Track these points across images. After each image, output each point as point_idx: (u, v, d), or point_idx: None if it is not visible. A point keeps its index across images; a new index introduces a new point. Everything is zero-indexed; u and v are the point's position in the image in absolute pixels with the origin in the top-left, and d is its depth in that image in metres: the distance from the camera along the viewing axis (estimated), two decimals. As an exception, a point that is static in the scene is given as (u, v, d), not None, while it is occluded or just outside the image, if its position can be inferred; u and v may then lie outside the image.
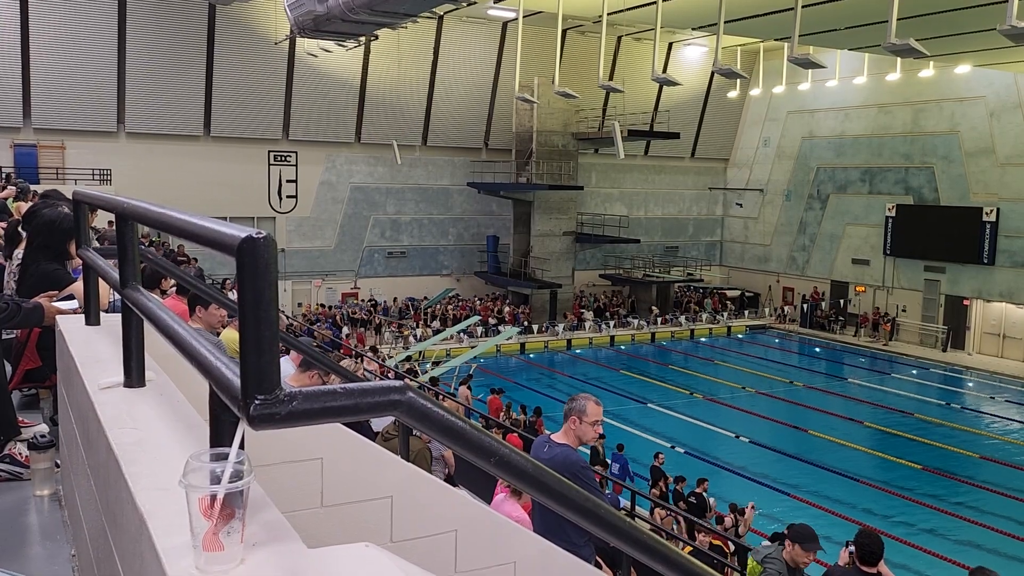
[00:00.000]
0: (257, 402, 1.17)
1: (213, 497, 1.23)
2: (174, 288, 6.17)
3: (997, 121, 32.73)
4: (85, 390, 2.27)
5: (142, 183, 28.28)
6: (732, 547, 13.18)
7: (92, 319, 3.02)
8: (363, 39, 29.78)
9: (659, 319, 37.56)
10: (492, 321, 34.64)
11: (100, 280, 2.84)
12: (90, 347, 2.74)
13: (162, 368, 2.48)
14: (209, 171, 31.97)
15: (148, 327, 1.96)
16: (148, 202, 1.89)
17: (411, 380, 19.87)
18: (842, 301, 38.11)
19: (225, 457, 1.26)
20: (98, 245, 5.24)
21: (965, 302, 34.00)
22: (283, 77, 32.84)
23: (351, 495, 3.03)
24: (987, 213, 32.70)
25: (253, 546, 1.31)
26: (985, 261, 32.89)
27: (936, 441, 22.79)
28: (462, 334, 31.57)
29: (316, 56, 32.12)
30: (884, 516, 17.22)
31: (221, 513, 1.23)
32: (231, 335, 6.13)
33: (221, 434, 1.38)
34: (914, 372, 32.07)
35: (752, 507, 14.41)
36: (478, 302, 36.91)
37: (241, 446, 1.30)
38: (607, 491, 12.64)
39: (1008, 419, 25.92)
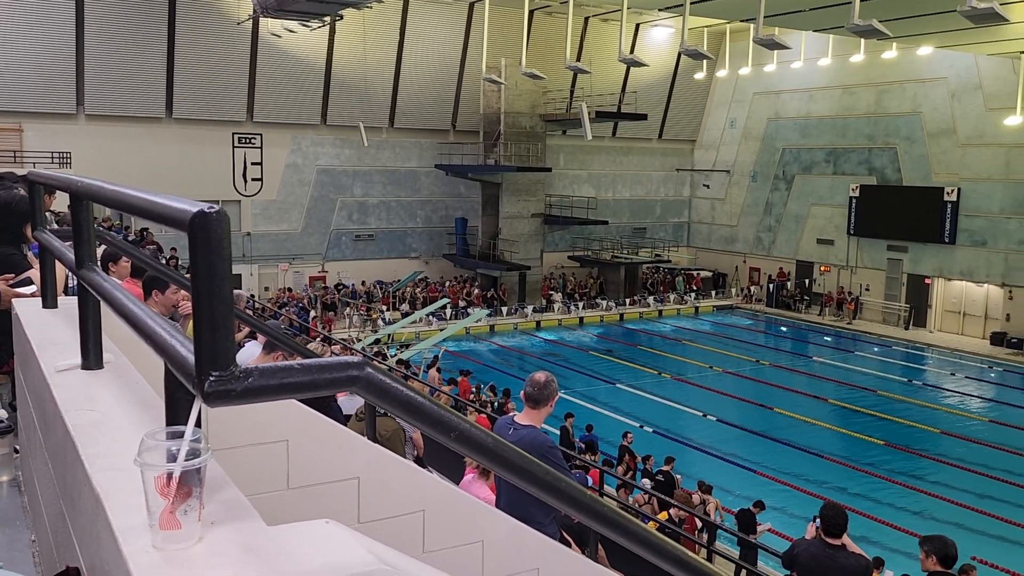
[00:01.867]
0: (212, 379, 1.16)
1: (169, 475, 1.22)
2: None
3: (958, 102, 33.20)
4: (42, 373, 2.23)
5: (103, 166, 27.75)
6: (700, 524, 13.39)
7: (49, 302, 2.97)
8: (327, 19, 29.46)
9: (628, 300, 37.86)
10: (461, 303, 34.64)
11: (57, 262, 2.79)
12: (47, 330, 2.70)
13: (122, 350, 2.45)
14: (172, 154, 31.46)
15: (107, 309, 1.94)
16: (102, 180, 1.85)
17: (380, 363, 19.81)
18: (807, 281, 38.60)
19: (181, 435, 1.25)
20: (56, 227, 5.15)
21: (927, 281, 34.60)
22: (246, 58, 32.35)
23: (318, 476, 3.03)
24: (948, 193, 33.23)
25: (212, 524, 1.30)
26: (946, 240, 33.46)
27: (898, 417, 23.23)
28: (431, 317, 31.53)
29: (280, 36, 31.69)
30: (848, 491, 17.54)
31: (178, 492, 1.23)
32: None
33: (177, 412, 1.37)
34: (877, 350, 32.59)
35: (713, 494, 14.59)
36: (447, 284, 36.85)
37: (198, 424, 1.29)
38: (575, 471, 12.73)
39: (967, 395, 26.48)
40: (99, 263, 5.65)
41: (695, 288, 40.55)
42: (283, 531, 1.30)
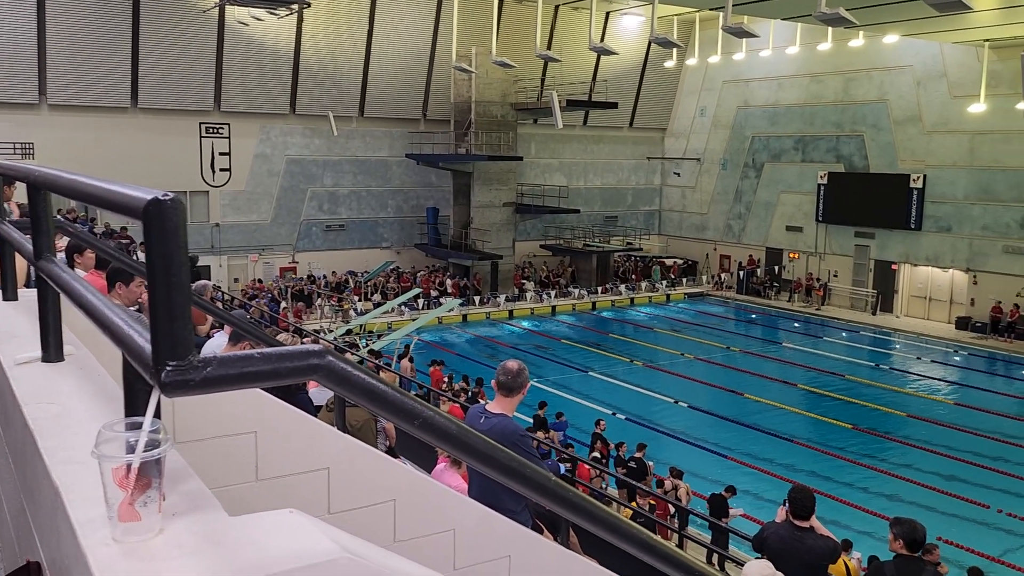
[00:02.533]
0: (169, 368, 1.14)
1: (128, 467, 1.21)
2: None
3: (923, 90, 33.61)
4: (1, 366, 2.20)
5: (67, 157, 27.26)
6: (672, 510, 13.50)
7: (9, 294, 2.92)
8: (295, 6, 29.17)
9: (600, 288, 38.06)
10: (434, 293, 34.57)
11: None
12: (7, 322, 2.66)
13: (84, 343, 2.42)
14: (138, 144, 30.98)
15: (69, 303, 1.91)
16: (59, 169, 1.82)
17: (352, 353, 19.73)
18: (777, 267, 38.96)
19: (140, 426, 1.23)
20: (15, 218, 5.06)
21: (893, 266, 35.06)
22: (213, 46, 31.91)
23: (287, 468, 3.01)
24: (914, 180, 33.67)
25: (173, 516, 1.29)
26: (912, 226, 33.92)
27: (866, 401, 23.56)
28: (403, 307, 31.44)
29: (247, 25, 31.30)
30: (817, 475, 17.77)
31: (137, 483, 1.21)
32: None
33: (136, 403, 1.35)
34: (845, 335, 33.01)
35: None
36: (419, 275, 36.76)
37: (157, 415, 1.27)
38: (549, 459, 12.78)
39: (934, 378, 26.91)
40: (64, 255, 5.56)
41: (672, 276, 40.84)
42: (245, 521, 1.29)
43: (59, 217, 13.75)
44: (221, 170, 33.59)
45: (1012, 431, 20.85)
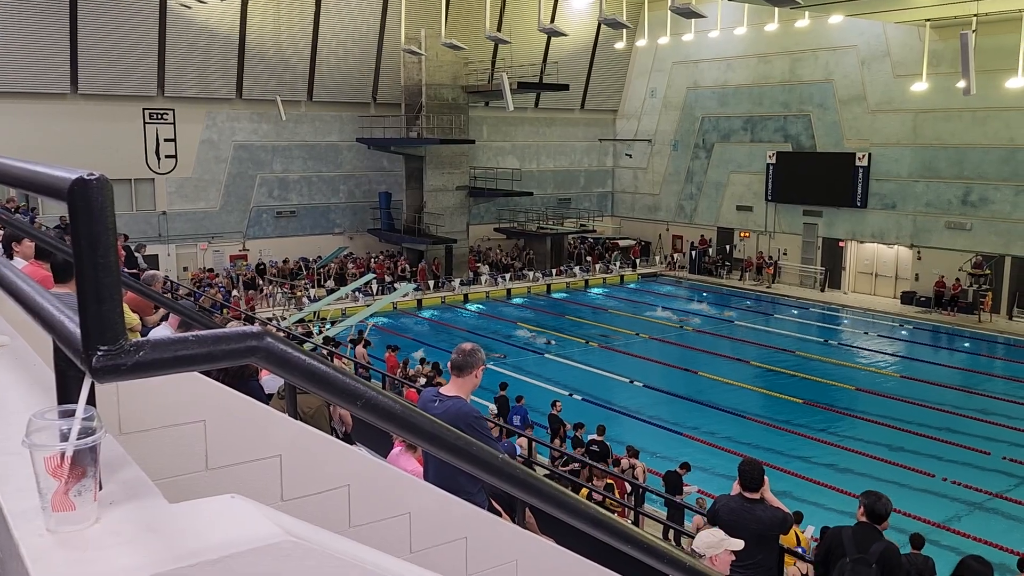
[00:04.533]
0: (100, 353, 1.11)
1: (62, 455, 1.18)
2: None
3: (868, 69, 34.20)
4: (-69, 359, 2.12)
5: (4, 145, 26.43)
6: (629, 488, 13.65)
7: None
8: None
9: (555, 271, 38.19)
10: (388, 278, 34.36)
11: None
12: (-63, 315, 2.56)
13: (22, 334, 2.35)
14: (79, 131, 30.13)
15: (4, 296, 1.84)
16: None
17: (307, 341, 19.54)
18: (728, 247, 39.46)
19: (72, 414, 1.20)
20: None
21: (840, 244, 35.75)
22: (155, 30, 31.13)
23: (238, 456, 2.96)
24: (859, 158, 34.31)
25: (110, 505, 1.26)
26: (858, 204, 34.60)
27: (816, 376, 24.03)
28: (357, 293, 31.21)
29: (189, 7, 30.60)
30: (770, 449, 18.10)
31: (71, 472, 1.18)
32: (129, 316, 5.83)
33: (68, 391, 1.31)
34: (795, 312, 33.59)
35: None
36: (373, 260, 36.49)
37: (92, 402, 1.24)
38: (505, 441, 12.82)
39: (880, 352, 27.55)
40: (1, 244, 5.39)
41: (633, 258, 41.13)
42: (185, 508, 1.27)
43: (-3, 207, 13.36)
44: (167, 157, 32.89)
45: (956, 402, 21.47)
